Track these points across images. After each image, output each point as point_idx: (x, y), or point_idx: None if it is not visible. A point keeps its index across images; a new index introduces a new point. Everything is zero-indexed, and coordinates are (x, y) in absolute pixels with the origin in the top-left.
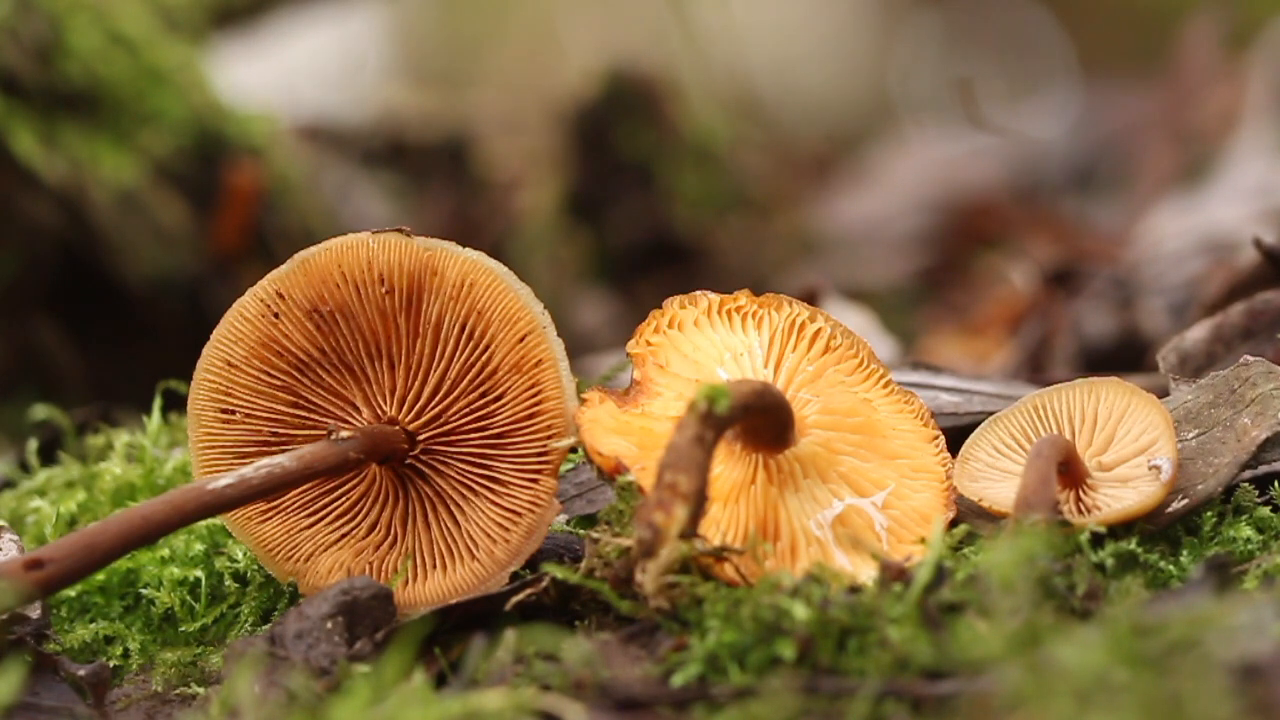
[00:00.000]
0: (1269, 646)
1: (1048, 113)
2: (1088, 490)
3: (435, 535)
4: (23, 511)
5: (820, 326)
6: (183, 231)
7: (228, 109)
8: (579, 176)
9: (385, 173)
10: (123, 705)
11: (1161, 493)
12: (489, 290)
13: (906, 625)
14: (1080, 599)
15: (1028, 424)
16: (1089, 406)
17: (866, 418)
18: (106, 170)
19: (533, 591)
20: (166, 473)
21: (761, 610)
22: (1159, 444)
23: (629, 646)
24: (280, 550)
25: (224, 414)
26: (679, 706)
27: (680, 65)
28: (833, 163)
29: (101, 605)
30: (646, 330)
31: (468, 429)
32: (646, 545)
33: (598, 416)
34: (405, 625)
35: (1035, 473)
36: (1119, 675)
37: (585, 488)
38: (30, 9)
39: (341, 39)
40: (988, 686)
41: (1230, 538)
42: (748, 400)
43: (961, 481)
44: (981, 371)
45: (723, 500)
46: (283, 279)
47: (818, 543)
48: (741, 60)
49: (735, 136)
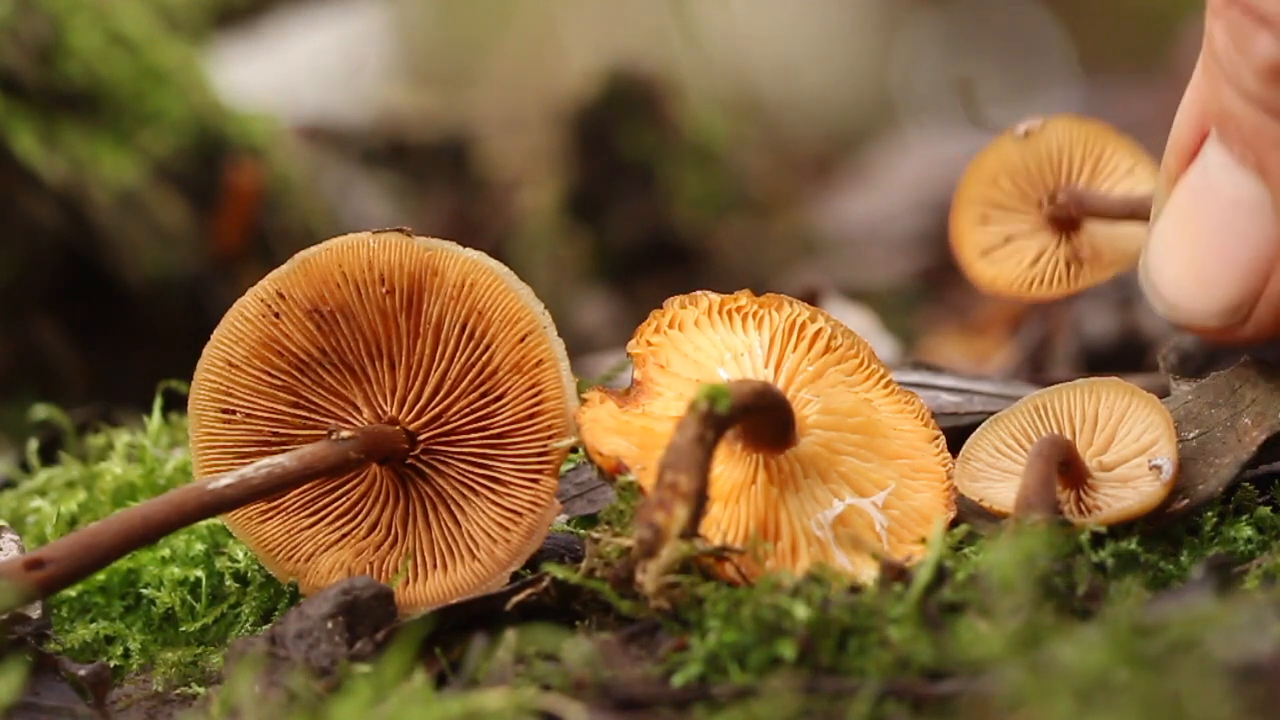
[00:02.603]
0: (1269, 646)
1: (1048, 112)
2: (1088, 490)
3: (436, 535)
4: (23, 511)
5: (821, 326)
6: (183, 231)
7: (228, 109)
8: (579, 176)
9: (385, 173)
10: (123, 705)
11: (1162, 492)
12: (489, 290)
13: (907, 625)
14: (1080, 599)
15: (1028, 424)
16: (1089, 407)
17: (867, 417)
18: (107, 170)
19: (533, 591)
20: (167, 473)
21: (762, 610)
22: (1159, 444)
23: (629, 646)
24: (281, 550)
25: (224, 414)
26: (679, 706)
27: (680, 65)
28: (833, 163)
29: (102, 605)
30: (647, 330)
31: (468, 429)
32: (647, 545)
33: (598, 416)
34: (406, 625)
35: (1036, 472)
36: (1119, 675)
37: (586, 487)
38: (30, 9)
39: (341, 39)
40: (988, 686)
41: (1231, 537)
42: (748, 400)
43: (962, 482)
44: (982, 372)
45: (723, 500)
46: (283, 279)
47: (818, 543)
48: (742, 60)
49: (735, 136)
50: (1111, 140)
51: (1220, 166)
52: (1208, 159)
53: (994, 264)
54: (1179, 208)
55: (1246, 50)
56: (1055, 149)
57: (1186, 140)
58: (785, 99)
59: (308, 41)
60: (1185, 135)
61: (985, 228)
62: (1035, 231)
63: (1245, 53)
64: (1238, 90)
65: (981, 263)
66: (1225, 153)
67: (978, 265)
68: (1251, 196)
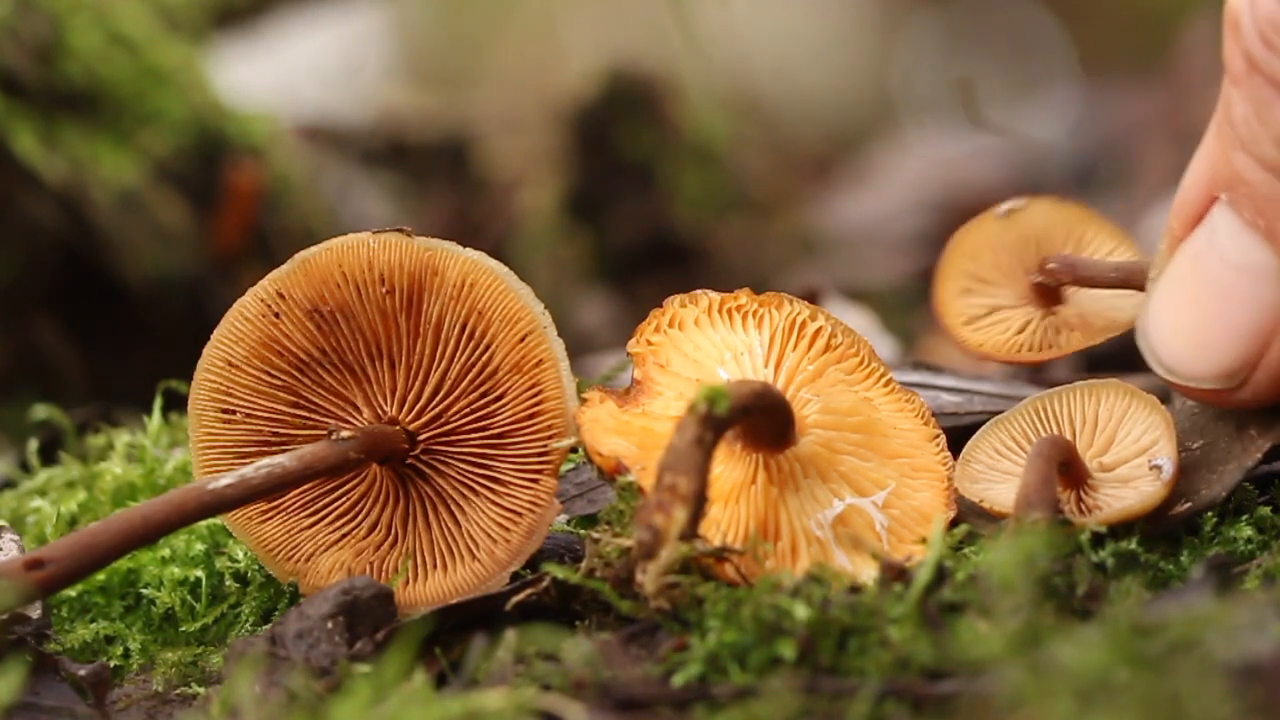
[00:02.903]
0: (1269, 646)
1: (1048, 113)
2: (1089, 490)
3: (436, 535)
4: (23, 511)
5: (821, 325)
6: (183, 231)
7: (228, 109)
8: (579, 176)
9: (385, 173)
10: (123, 705)
11: (1163, 492)
12: (489, 290)
13: (907, 625)
14: (1080, 599)
15: (1029, 426)
16: (1090, 408)
17: (867, 417)
18: (107, 170)
19: (533, 592)
20: (167, 473)
21: (762, 610)
22: (1159, 444)
23: (629, 646)
24: (281, 550)
25: (225, 414)
26: (679, 706)
27: (680, 65)
28: (833, 163)
29: (102, 605)
30: (647, 329)
31: (468, 429)
32: (646, 547)
33: (598, 416)
34: (406, 625)
35: (1036, 472)
36: (1119, 675)
37: (586, 487)
38: (30, 9)
39: (341, 39)
40: (988, 686)
41: (1231, 538)
42: (747, 401)
43: (963, 483)
44: (982, 372)
45: (723, 500)
46: (283, 279)
47: (818, 542)
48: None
49: (735, 136)
50: (1093, 223)
51: (1229, 231)
52: (1216, 223)
53: (979, 332)
54: (1182, 270)
55: (1267, 119)
56: (1037, 229)
57: (1193, 204)
58: (785, 99)
59: (308, 41)
60: (1192, 198)
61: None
62: (1019, 304)
63: (1266, 121)
64: (1254, 157)
65: (966, 330)
66: (1235, 217)
67: (963, 332)
68: (1258, 262)
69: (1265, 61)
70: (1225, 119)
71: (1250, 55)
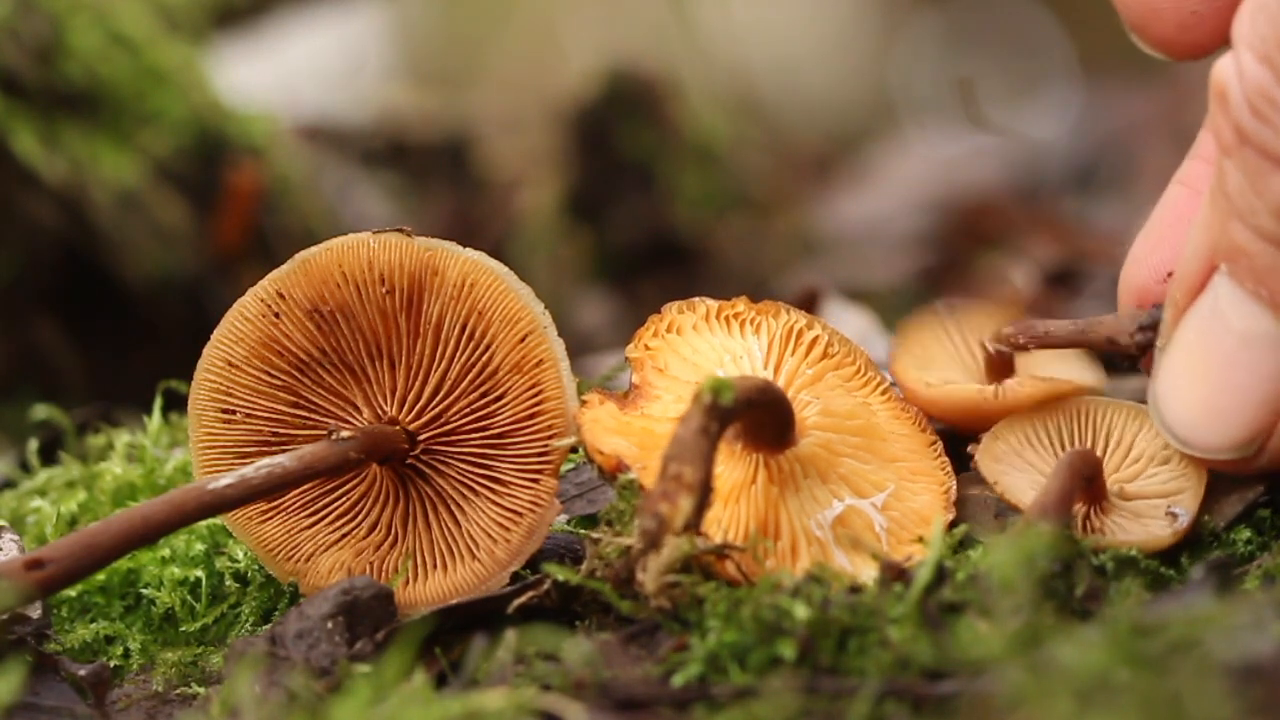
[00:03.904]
0: (1269, 646)
1: (1048, 113)
2: (1099, 512)
3: (436, 535)
4: (23, 511)
5: (818, 334)
6: (183, 231)
7: (228, 109)
8: (579, 176)
9: (385, 173)
10: (123, 705)
11: (1169, 540)
12: (490, 290)
13: (907, 625)
14: (1080, 599)
15: (1065, 425)
16: (1129, 433)
17: (866, 420)
18: (107, 170)
19: (534, 593)
20: (167, 473)
21: (762, 610)
22: (1184, 496)
23: (629, 646)
24: (281, 550)
25: (224, 414)
26: (679, 706)
27: (680, 65)
28: (833, 163)
29: (102, 605)
30: (645, 335)
31: (468, 429)
32: (651, 536)
33: (598, 417)
34: (406, 625)
35: (1059, 484)
36: (1119, 675)
37: (586, 487)
38: (30, 9)
39: (341, 39)
40: (988, 686)
41: (1230, 539)
42: (752, 394)
43: (984, 457)
44: None
45: (724, 500)
46: (283, 279)
47: (818, 543)
48: (742, 60)
49: (735, 136)
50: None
51: (1231, 301)
52: (1218, 293)
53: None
54: (1187, 341)
55: (1262, 190)
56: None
57: (1194, 274)
58: (785, 99)
59: (308, 41)
60: (1193, 269)
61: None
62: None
63: (1261, 193)
64: (1251, 228)
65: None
66: (1236, 287)
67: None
68: (1263, 331)
69: (1256, 132)
70: (1221, 190)
71: (1240, 127)
